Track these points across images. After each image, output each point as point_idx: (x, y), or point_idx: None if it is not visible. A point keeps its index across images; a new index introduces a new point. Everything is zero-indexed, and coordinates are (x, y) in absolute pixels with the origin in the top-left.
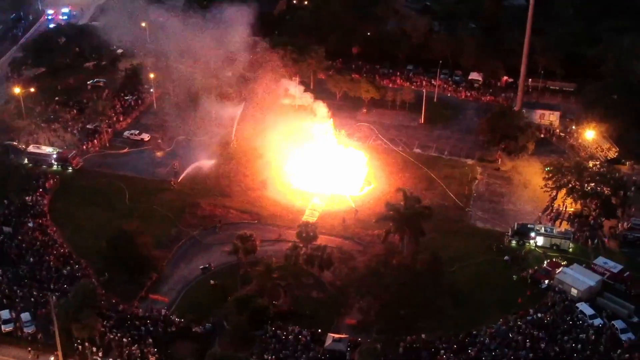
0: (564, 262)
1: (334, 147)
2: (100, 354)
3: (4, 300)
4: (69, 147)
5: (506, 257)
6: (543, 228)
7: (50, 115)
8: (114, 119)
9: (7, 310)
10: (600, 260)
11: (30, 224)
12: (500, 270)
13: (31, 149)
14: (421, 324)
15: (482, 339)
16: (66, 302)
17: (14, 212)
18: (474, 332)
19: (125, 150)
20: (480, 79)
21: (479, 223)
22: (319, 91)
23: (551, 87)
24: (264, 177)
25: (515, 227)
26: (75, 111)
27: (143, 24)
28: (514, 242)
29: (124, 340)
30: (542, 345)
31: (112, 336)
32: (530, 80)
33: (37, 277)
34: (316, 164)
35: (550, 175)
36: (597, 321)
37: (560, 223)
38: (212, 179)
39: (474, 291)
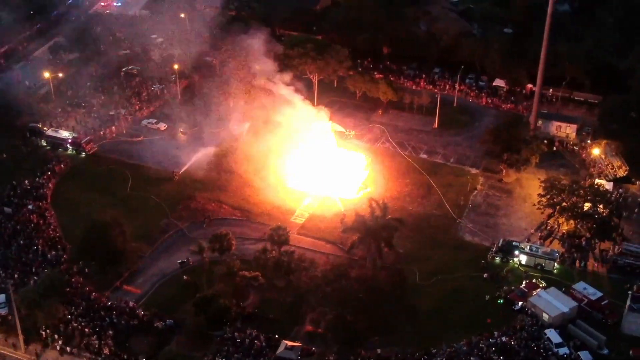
0: (543, 285)
1: (332, 148)
2: (60, 342)
3: None
4: (88, 132)
5: (485, 274)
6: (528, 246)
7: (78, 100)
8: (137, 106)
9: None
10: (579, 286)
11: (30, 207)
12: (477, 287)
13: (50, 132)
14: (379, 338)
15: (439, 358)
16: (31, 288)
17: (19, 193)
18: (433, 351)
19: (140, 138)
20: (504, 85)
21: (467, 235)
22: (342, 90)
23: (576, 98)
24: (263, 174)
25: (500, 244)
26: (102, 97)
27: (182, 15)
28: (497, 259)
29: (86, 330)
30: None
31: (75, 324)
32: (551, 90)
33: (23, 260)
34: (313, 164)
35: (545, 192)
36: (563, 350)
37: (551, 242)
38: (215, 171)
39: (445, 307)
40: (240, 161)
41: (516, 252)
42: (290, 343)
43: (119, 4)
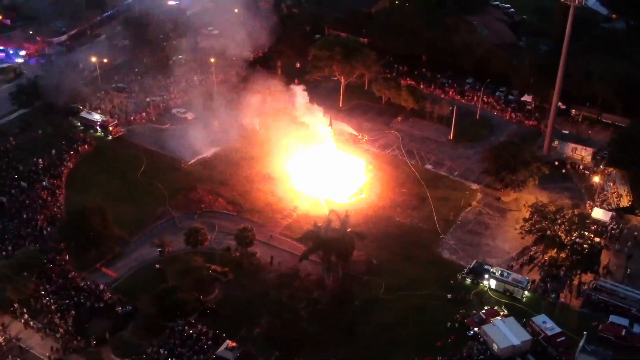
0: (503, 313)
1: (335, 152)
2: (26, 316)
3: None
4: (121, 116)
5: (449, 295)
6: (499, 271)
7: (122, 85)
8: (172, 95)
9: None
10: (539, 319)
11: (45, 183)
12: (439, 307)
13: (83, 113)
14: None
15: None
16: (6, 263)
17: (40, 169)
18: None
19: (166, 126)
20: (531, 101)
21: (445, 253)
22: (371, 94)
23: (604, 120)
24: (268, 172)
25: (472, 265)
26: (143, 83)
27: (236, 10)
28: (468, 280)
29: (53, 307)
30: None
31: (44, 301)
32: (573, 110)
33: (20, 233)
34: (314, 166)
35: (530, 217)
36: None
37: (531, 269)
38: (222, 165)
39: (400, 324)
40: (248, 156)
41: (486, 276)
42: (231, 344)
43: None
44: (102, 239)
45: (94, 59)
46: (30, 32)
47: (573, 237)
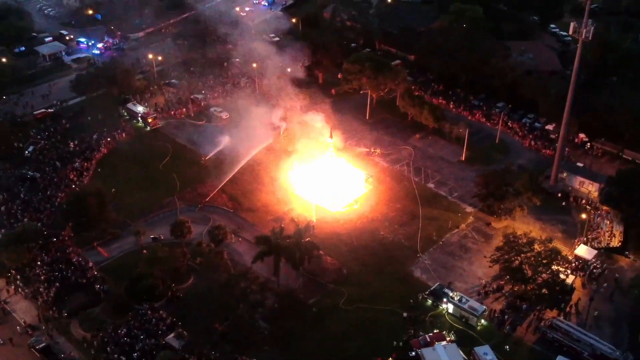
0: (449, 338)
1: (336, 163)
2: (19, 282)
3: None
4: (165, 110)
5: (405, 314)
6: (458, 297)
7: (174, 81)
8: (216, 94)
9: None
10: (481, 349)
11: (76, 164)
12: (392, 324)
13: (129, 105)
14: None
15: None
16: (7, 233)
17: (76, 151)
18: None
19: (201, 122)
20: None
21: (417, 272)
22: (399, 109)
23: (624, 157)
24: (275, 174)
25: (434, 287)
26: (192, 82)
27: (294, 20)
28: (429, 302)
29: (42, 277)
30: None
31: (37, 271)
32: (589, 143)
33: (40, 208)
34: (317, 175)
35: (502, 246)
36: None
37: (497, 299)
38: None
39: (348, 336)
40: (263, 158)
41: (445, 300)
42: (184, 333)
43: (266, 4)
44: (97, 221)
45: (150, 56)
46: (112, 27)
47: (539, 271)
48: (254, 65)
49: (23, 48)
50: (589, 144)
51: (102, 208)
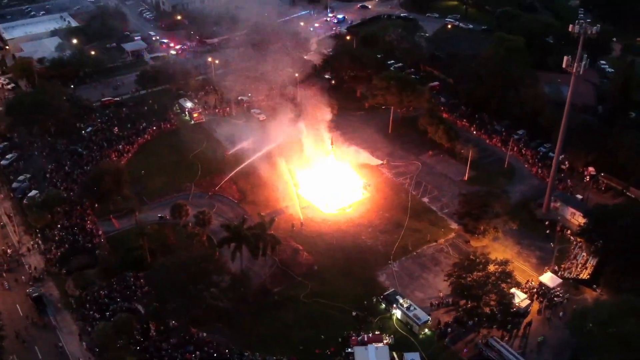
0: (387, 341)
1: (339, 170)
2: (39, 240)
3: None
4: (210, 107)
5: (354, 312)
6: (407, 304)
7: (229, 83)
8: (261, 97)
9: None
10: (410, 356)
11: (120, 147)
12: (341, 320)
13: (181, 100)
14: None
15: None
16: (33, 197)
17: (123, 135)
18: (246, 354)
19: (240, 122)
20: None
21: (382, 277)
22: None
23: (628, 194)
24: (283, 172)
25: (388, 292)
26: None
27: (348, 37)
28: (382, 305)
29: (56, 237)
30: None
31: (55, 232)
32: (586, 177)
33: (76, 180)
34: (320, 178)
35: (459, 263)
36: None
37: (448, 311)
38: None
39: (300, 325)
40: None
41: (394, 305)
42: (150, 300)
43: (336, 21)
44: (112, 195)
45: (209, 59)
46: (192, 32)
47: (486, 291)
48: (296, 75)
49: (114, 44)
50: (587, 177)
51: (118, 185)
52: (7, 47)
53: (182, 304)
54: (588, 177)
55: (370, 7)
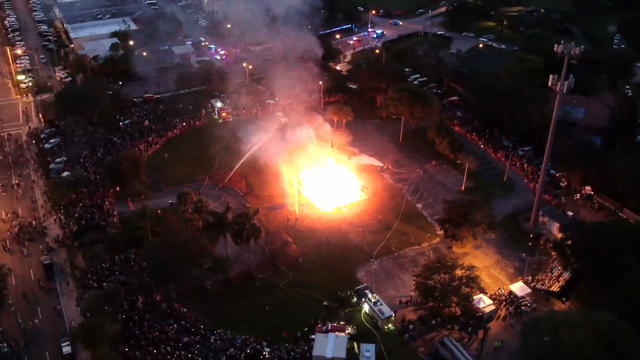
0: (348, 331)
1: (339, 172)
2: (62, 215)
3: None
4: (238, 107)
5: (325, 303)
6: (375, 299)
7: (262, 87)
8: (287, 102)
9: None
10: (365, 346)
11: (150, 138)
12: (313, 310)
13: (212, 100)
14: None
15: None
16: (59, 177)
17: (155, 129)
18: (218, 331)
19: (264, 123)
20: (563, 179)
21: (360, 273)
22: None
23: (621, 215)
24: (290, 171)
25: (360, 287)
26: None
27: (377, 51)
28: (354, 299)
29: (76, 214)
30: None
31: (76, 209)
32: (577, 196)
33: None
34: (322, 178)
35: (428, 265)
36: None
37: (417, 309)
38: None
39: (273, 310)
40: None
41: (363, 299)
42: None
43: (375, 36)
44: (129, 180)
45: (244, 64)
46: (238, 39)
47: (447, 292)
48: (320, 82)
49: (167, 47)
50: (578, 195)
51: (136, 171)
52: (72, 46)
53: (166, 280)
54: (578, 195)
55: (400, 23)
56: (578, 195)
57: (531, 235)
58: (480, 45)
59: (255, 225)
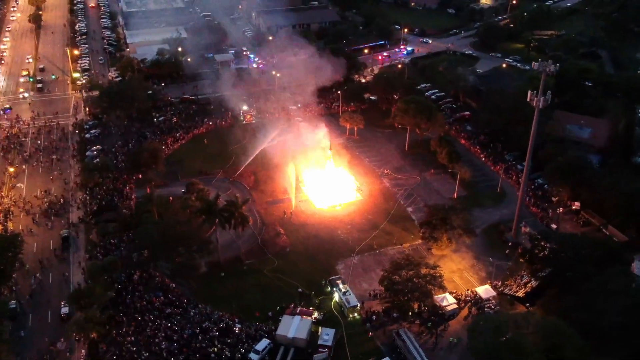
0: (314, 316)
1: (337, 172)
2: (87, 196)
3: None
4: (259, 111)
5: (300, 289)
6: (345, 290)
7: (288, 94)
8: (309, 108)
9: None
10: (325, 330)
11: (178, 134)
12: (289, 295)
13: (239, 104)
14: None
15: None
16: (88, 163)
17: (183, 126)
18: (200, 306)
19: (283, 126)
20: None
21: (340, 265)
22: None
23: (605, 231)
24: (295, 170)
25: (334, 277)
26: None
27: (399, 66)
28: (329, 288)
29: (98, 196)
30: None
31: (99, 190)
32: (560, 209)
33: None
34: (321, 177)
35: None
36: (254, 356)
37: (385, 302)
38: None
39: (252, 292)
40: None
41: (334, 289)
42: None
43: (406, 53)
44: (148, 170)
45: (273, 72)
46: (275, 50)
47: (409, 288)
48: (339, 92)
49: (211, 54)
50: (561, 209)
51: (155, 161)
52: (128, 49)
53: (157, 257)
54: (562, 208)
55: (430, 41)
56: (561, 208)
57: (510, 244)
58: (504, 65)
59: (242, 213)
